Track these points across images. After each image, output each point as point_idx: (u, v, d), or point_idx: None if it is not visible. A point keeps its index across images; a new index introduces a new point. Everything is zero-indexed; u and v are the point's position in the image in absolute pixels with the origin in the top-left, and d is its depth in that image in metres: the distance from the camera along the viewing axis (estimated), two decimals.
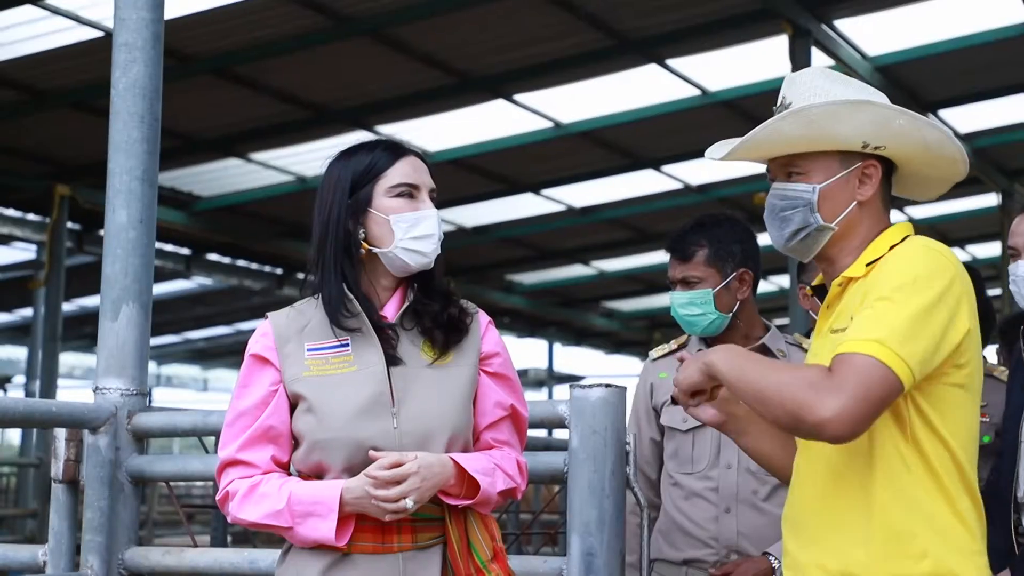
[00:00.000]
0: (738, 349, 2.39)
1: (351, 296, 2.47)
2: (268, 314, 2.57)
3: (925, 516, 2.26)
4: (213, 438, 3.33)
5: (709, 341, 3.58)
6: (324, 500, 2.36)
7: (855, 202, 2.41)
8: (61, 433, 3.38)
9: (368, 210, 2.50)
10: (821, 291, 2.54)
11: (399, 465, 2.33)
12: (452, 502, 2.42)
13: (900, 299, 2.22)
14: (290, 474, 2.49)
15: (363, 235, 2.50)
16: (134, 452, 3.40)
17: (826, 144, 2.40)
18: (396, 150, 2.55)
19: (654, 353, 3.72)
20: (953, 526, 2.28)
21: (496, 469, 2.47)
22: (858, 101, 2.37)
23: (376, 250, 2.50)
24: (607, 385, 2.81)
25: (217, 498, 2.48)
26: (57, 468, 3.38)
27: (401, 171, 2.52)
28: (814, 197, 2.41)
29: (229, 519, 2.48)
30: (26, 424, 3.82)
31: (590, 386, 2.82)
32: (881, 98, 2.45)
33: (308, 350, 2.48)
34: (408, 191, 2.51)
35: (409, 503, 2.32)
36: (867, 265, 2.37)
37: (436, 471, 2.36)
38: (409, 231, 2.48)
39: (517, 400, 2.58)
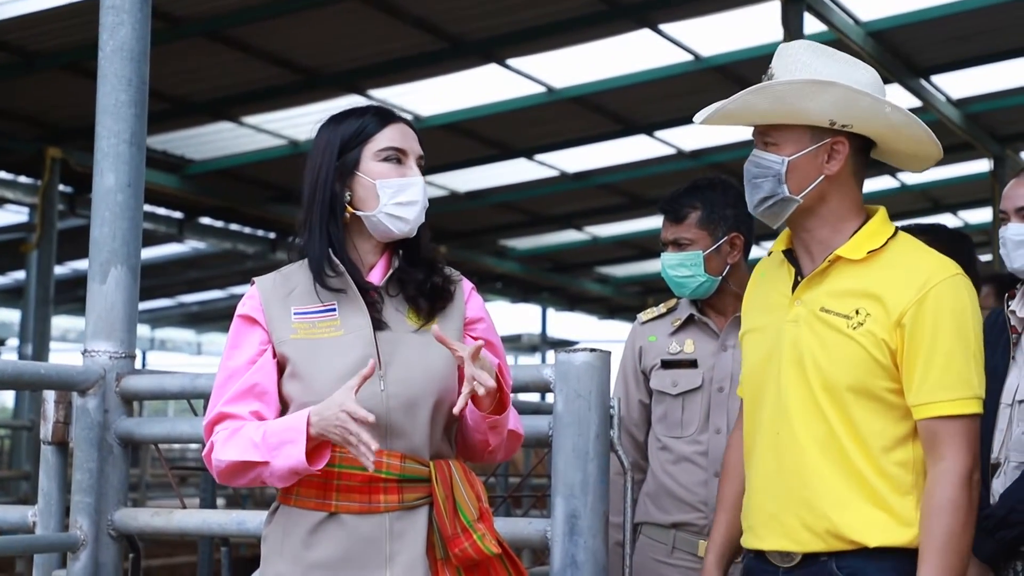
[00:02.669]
0: None
1: (335, 258, 2.48)
2: (255, 279, 2.58)
3: (910, 488, 2.44)
4: (202, 401, 3.34)
5: (700, 305, 3.60)
6: (294, 425, 2.35)
7: (823, 176, 2.52)
8: (50, 395, 3.39)
9: (355, 173, 2.51)
10: (787, 254, 2.64)
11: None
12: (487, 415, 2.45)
13: (973, 343, 2.44)
14: None
15: (349, 198, 2.51)
16: (123, 414, 3.41)
17: (796, 119, 2.50)
18: (386, 116, 2.57)
19: (643, 316, 3.72)
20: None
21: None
22: (823, 82, 2.45)
23: (360, 213, 2.51)
24: (592, 349, 2.82)
25: (203, 454, 2.48)
26: (46, 430, 3.39)
27: (389, 136, 2.53)
28: (782, 168, 2.52)
29: (214, 472, 2.45)
30: (15, 386, 3.82)
31: (575, 350, 2.83)
32: (867, 73, 2.53)
33: (295, 314, 2.49)
34: (396, 156, 2.53)
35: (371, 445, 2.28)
36: (868, 252, 2.49)
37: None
38: (394, 196, 2.50)
39: (502, 364, 2.58)
